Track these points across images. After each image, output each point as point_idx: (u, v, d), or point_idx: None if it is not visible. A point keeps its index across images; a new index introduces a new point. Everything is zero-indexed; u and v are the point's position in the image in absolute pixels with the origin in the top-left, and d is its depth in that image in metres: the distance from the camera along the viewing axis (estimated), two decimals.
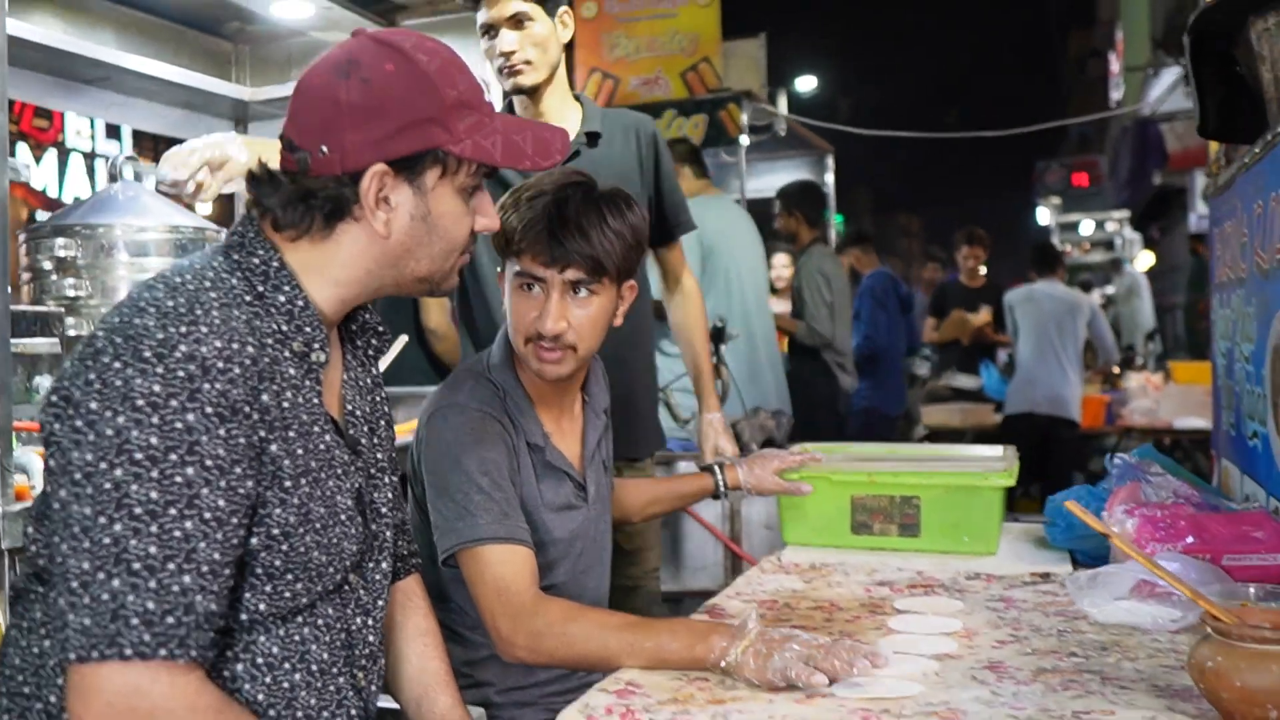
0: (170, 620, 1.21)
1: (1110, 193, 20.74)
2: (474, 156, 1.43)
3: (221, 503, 1.25)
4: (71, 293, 2.63)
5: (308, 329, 1.41)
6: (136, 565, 1.20)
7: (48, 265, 2.66)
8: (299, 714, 1.40)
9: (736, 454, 2.75)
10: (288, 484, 1.35)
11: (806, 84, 20.55)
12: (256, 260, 1.41)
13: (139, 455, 1.21)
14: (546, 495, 2.00)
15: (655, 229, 2.72)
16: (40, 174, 11.35)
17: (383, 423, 1.64)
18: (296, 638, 1.40)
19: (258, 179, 1.43)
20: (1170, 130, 14.56)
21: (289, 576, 1.36)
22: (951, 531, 2.29)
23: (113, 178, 2.86)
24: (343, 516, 1.43)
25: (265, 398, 1.32)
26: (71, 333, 2.56)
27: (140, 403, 1.22)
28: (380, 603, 1.56)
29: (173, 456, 1.22)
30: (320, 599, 1.43)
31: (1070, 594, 1.90)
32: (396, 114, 1.38)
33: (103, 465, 1.21)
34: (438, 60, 1.42)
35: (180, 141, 3.89)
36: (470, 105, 1.44)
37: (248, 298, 1.38)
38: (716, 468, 2.40)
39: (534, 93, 2.63)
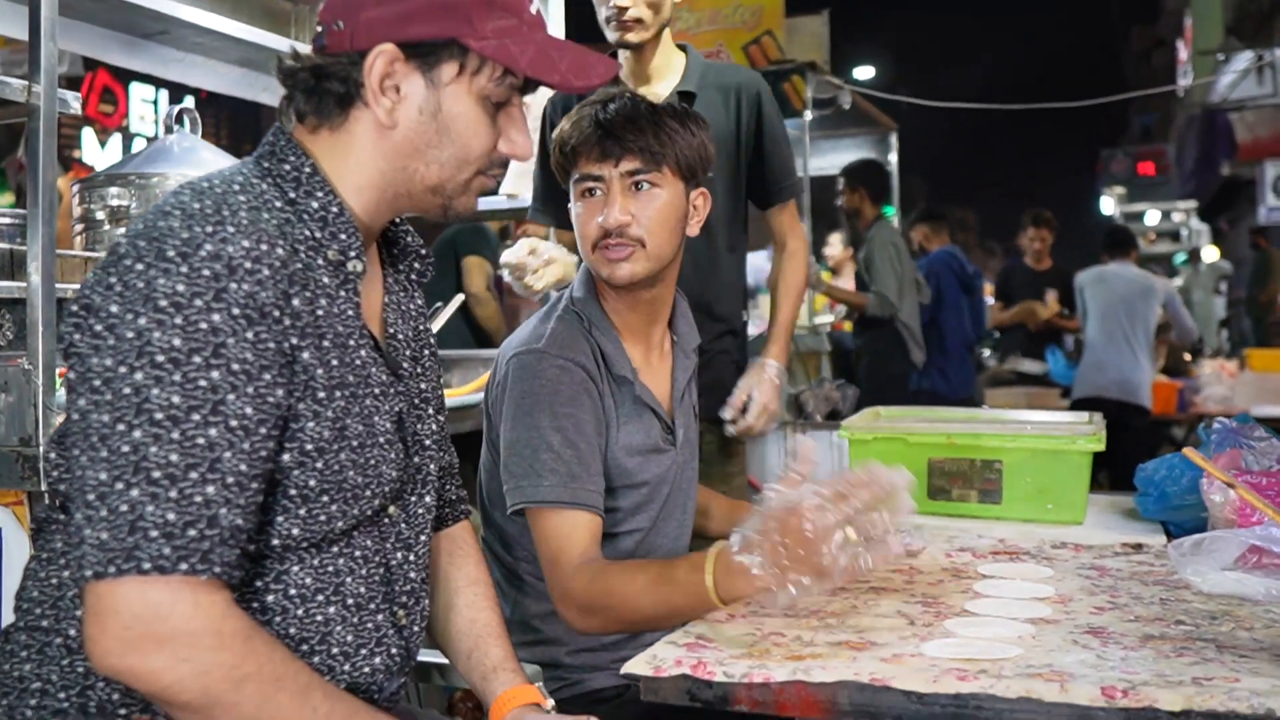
0: (192, 533, 1.13)
1: (1177, 183, 20.38)
2: (495, 56, 1.33)
3: (249, 410, 1.17)
4: None
5: (343, 236, 1.32)
6: (156, 474, 1.12)
7: (100, 215, 2.60)
8: (334, 650, 1.31)
9: (773, 411, 2.60)
10: (321, 395, 1.26)
11: (865, 73, 20.39)
12: (288, 167, 1.33)
13: (160, 358, 1.14)
14: (636, 438, 1.91)
15: (759, 192, 2.75)
16: (106, 158, 11.44)
17: (426, 353, 1.53)
18: (331, 568, 1.31)
19: (287, 68, 1.35)
20: (1240, 120, 14.23)
21: (324, 498, 1.27)
22: (1036, 498, 2.17)
23: (169, 129, 2.81)
24: (381, 439, 1.34)
25: (297, 303, 1.24)
26: None
27: (163, 303, 1.15)
28: (423, 538, 1.47)
29: (196, 359, 1.14)
30: (357, 528, 1.34)
31: (1172, 562, 1.75)
32: None
33: (122, 369, 1.14)
34: None
35: (241, 100, 3.87)
36: (507, 8, 1.34)
37: (278, 203, 1.30)
38: None
39: (638, 49, 2.63)
